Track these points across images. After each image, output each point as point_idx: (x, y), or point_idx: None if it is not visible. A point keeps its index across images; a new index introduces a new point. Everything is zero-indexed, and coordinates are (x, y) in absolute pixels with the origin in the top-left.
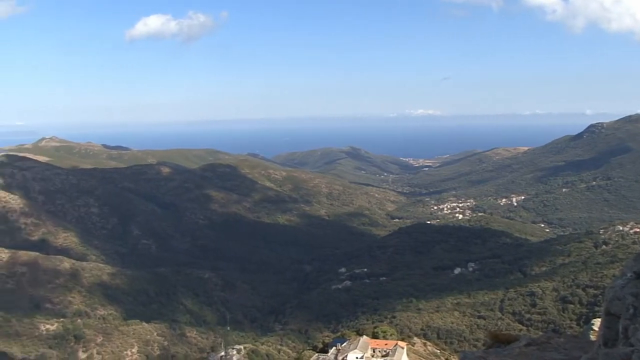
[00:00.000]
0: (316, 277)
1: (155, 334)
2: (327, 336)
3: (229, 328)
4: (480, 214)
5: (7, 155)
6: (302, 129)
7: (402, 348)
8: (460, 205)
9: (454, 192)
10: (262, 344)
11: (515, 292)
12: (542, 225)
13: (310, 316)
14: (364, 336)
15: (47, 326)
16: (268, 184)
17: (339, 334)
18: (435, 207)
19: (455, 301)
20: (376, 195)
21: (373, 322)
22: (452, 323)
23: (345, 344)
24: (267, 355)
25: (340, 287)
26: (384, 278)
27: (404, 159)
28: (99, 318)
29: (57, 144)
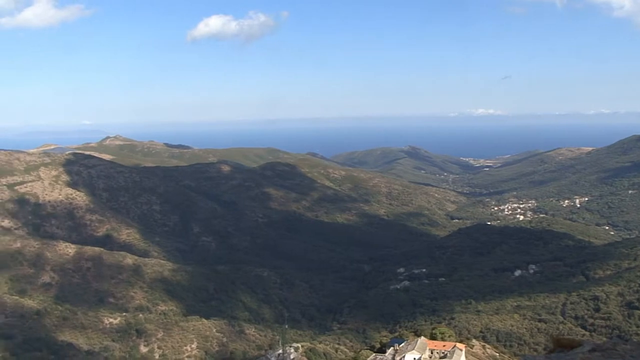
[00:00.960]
0: (374, 276)
1: (214, 330)
2: (385, 336)
3: (286, 326)
4: (541, 215)
5: (74, 154)
6: (361, 128)
7: (461, 350)
8: (521, 206)
9: (514, 193)
10: (320, 342)
11: (577, 295)
12: (607, 227)
13: (368, 316)
14: (422, 337)
15: (111, 320)
16: (327, 183)
17: (396, 334)
18: (496, 208)
19: (515, 304)
20: (436, 195)
21: (431, 323)
22: (512, 326)
23: (403, 344)
24: (324, 354)
25: (398, 287)
26: (443, 279)
27: (464, 159)
28: (159, 313)
29: (121, 143)
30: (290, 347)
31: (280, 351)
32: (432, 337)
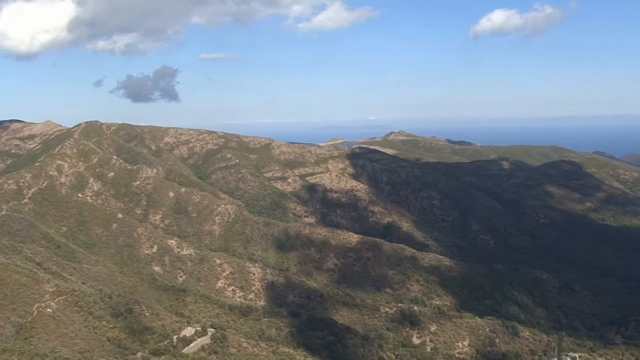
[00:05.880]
0: None
1: (487, 329)
2: None
3: (564, 333)
4: None
5: (359, 147)
6: None
7: None
8: None
9: None
10: (600, 355)
11: None
12: None
13: None
14: None
15: (387, 309)
16: (616, 184)
17: None
18: None
19: None
20: None
21: None
22: None
23: None
24: None
25: None
26: None
27: None
28: (434, 307)
29: (404, 138)
30: (567, 355)
31: (555, 359)
32: None
